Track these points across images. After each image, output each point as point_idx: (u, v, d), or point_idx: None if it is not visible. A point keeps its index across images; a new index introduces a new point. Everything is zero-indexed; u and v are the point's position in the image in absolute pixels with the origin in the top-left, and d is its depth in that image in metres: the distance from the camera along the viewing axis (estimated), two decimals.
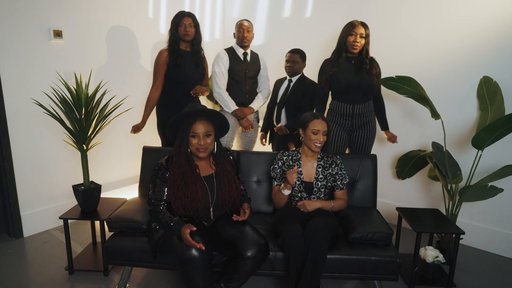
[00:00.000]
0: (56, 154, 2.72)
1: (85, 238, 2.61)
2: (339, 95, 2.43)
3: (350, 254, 1.81)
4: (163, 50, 2.51)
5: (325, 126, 1.95)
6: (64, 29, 2.64)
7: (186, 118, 1.78)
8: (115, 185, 3.18)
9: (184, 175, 1.76)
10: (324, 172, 2.01)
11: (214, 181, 1.84)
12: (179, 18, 2.47)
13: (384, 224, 1.96)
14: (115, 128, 2.99)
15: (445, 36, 2.59)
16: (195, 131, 1.76)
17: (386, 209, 2.88)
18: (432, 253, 2.11)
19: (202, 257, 1.57)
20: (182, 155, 1.78)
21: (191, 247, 1.57)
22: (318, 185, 2.00)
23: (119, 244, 1.87)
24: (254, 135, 2.94)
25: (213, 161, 1.89)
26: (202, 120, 1.77)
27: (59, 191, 2.77)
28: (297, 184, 2.00)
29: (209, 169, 1.87)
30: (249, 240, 1.67)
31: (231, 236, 1.72)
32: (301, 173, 2.01)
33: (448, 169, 2.32)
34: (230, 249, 1.70)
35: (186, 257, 1.56)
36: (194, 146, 1.77)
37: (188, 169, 1.77)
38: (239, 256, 1.65)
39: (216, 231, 1.79)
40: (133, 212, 1.99)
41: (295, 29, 3.44)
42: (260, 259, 1.68)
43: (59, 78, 2.51)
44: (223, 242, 1.74)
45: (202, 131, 1.76)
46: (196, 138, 1.76)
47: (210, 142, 1.79)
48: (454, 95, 2.61)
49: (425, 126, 2.76)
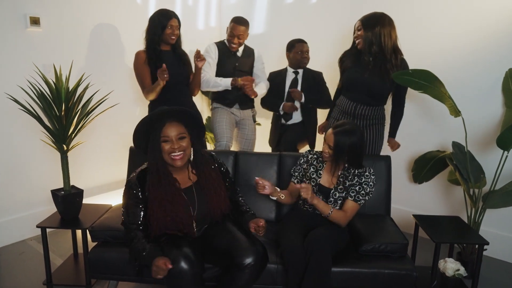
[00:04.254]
0: (33, 155, 2.72)
1: (65, 249, 2.61)
2: (346, 90, 2.46)
3: (361, 267, 1.81)
4: (140, 52, 2.52)
5: (331, 140, 1.93)
6: (42, 16, 2.64)
7: (154, 123, 1.70)
8: (98, 190, 3.18)
9: (161, 190, 1.69)
10: (345, 183, 1.99)
11: (194, 193, 1.79)
12: (167, 19, 2.45)
13: (398, 233, 1.96)
14: (99, 126, 2.99)
15: (465, 26, 2.60)
16: (166, 134, 1.68)
17: (401, 216, 2.88)
18: (452, 266, 2.10)
19: (192, 271, 1.56)
20: (156, 168, 1.70)
21: (180, 259, 1.55)
22: (335, 196, 2.00)
23: (103, 256, 1.87)
24: (252, 137, 2.95)
25: (192, 170, 1.83)
26: (173, 122, 1.70)
27: (36, 197, 2.77)
28: (312, 186, 2.01)
29: (187, 181, 1.81)
30: (245, 247, 1.66)
31: (224, 245, 1.70)
32: (320, 176, 2.03)
33: (470, 172, 2.32)
34: (225, 259, 1.69)
35: (175, 271, 1.54)
36: (167, 152, 1.69)
37: (165, 183, 1.70)
38: (235, 266, 1.63)
39: (207, 241, 1.78)
40: (119, 220, 1.98)
41: (299, 16, 3.45)
42: (258, 268, 1.67)
43: (36, 70, 2.50)
44: (216, 253, 1.73)
45: (174, 134, 1.69)
46: (168, 142, 1.69)
47: (185, 146, 1.71)
48: (476, 89, 2.61)
49: (444, 124, 2.76)
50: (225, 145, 2.69)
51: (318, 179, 2.04)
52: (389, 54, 2.26)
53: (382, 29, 2.23)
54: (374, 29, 2.24)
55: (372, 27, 2.24)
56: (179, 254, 1.59)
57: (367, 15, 2.30)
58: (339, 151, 1.92)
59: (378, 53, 2.26)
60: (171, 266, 1.51)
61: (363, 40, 2.28)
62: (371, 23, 2.25)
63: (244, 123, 2.93)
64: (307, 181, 2.05)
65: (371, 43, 2.25)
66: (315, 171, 2.06)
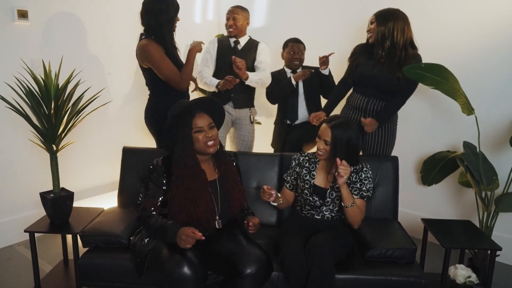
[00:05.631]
0: (21, 155, 2.72)
1: (54, 255, 2.60)
2: (357, 84, 2.50)
3: (367, 274, 1.81)
4: (152, 42, 2.37)
5: (328, 135, 1.93)
6: (30, 8, 2.63)
7: (184, 115, 1.81)
8: (90, 193, 3.17)
9: (191, 181, 1.78)
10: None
11: (217, 186, 1.89)
12: (177, 10, 2.44)
13: (406, 238, 1.96)
14: (90, 125, 2.98)
15: (478, 18, 2.59)
16: (198, 125, 1.81)
17: (409, 220, 2.87)
18: (463, 273, 2.10)
19: (195, 277, 1.57)
20: (187, 156, 1.79)
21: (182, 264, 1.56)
22: (332, 195, 2.01)
23: (95, 262, 1.87)
24: (249, 138, 2.94)
25: (215, 162, 1.93)
26: (201, 113, 1.83)
27: (24, 200, 2.76)
28: (306, 188, 2.02)
29: (213, 173, 1.92)
30: (248, 256, 1.67)
31: (227, 252, 1.72)
32: (313, 177, 2.04)
33: (483, 173, 2.32)
34: (227, 267, 1.70)
35: (177, 276, 1.55)
36: (202, 142, 1.80)
37: (193, 173, 1.80)
38: (237, 274, 1.65)
39: (211, 246, 1.79)
40: (112, 224, 1.99)
41: (302, 8, 3.44)
42: (262, 278, 1.68)
43: (24, 66, 2.50)
44: (219, 259, 1.74)
45: (205, 123, 1.82)
46: (202, 132, 1.81)
47: (216, 135, 1.85)
48: (489, 86, 2.60)
49: (455, 123, 2.76)
50: None
51: (312, 180, 2.04)
52: (399, 50, 2.31)
53: (395, 24, 2.30)
54: (387, 23, 2.31)
55: (386, 22, 2.32)
56: (182, 259, 1.60)
57: (382, 10, 2.37)
58: (337, 146, 1.92)
59: (390, 47, 2.33)
60: (201, 234, 1.58)
61: (375, 34, 2.35)
62: (385, 18, 2.33)
63: (240, 123, 2.92)
64: (302, 184, 2.05)
65: (384, 38, 2.32)
66: (308, 173, 2.06)
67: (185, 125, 1.80)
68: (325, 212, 2.01)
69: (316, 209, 2.02)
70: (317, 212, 2.02)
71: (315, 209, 2.02)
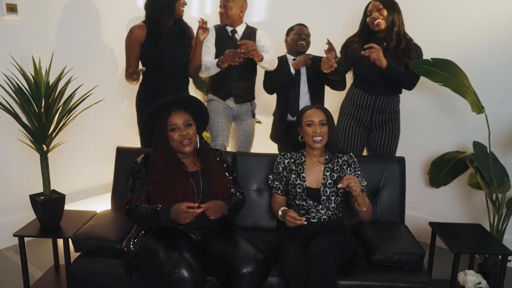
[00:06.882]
0: (10, 156, 2.72)
1: (45, 260, 2.61)
2: (362, 82, 2.49)
3: (371, 280, 1.81)
4: (136, 28, 2.52)
5: (321, 115, 2.01)
6: (20, 2, 2.63)
7: (160, 113, 1.89)
8: (82, 195, 3.18)
9: (167, 173, 1.86)
10: (333, 177, 2.03)
11: (200, 178, 1.94)
12: None
13: (414, 242, 1.96)
14: (83, 124, 2.98)
15: (488, 11, 2.59)
16: (173, 122, 1.87)
17: (416, 224, 2.87)
18: (473, 279, 2.10)
19: (193, 279, 1.57)
20: (162, 151, 1.88)
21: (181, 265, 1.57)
22: (326, 192, 2.01)
23: (87, 268, 1.87)
24: (250, 132, 2.95)
25: (197, 158, 2.00)
26: (178, 111, 1.90)
27: (13, 202, 2.76)
28: (298, 192, 2.02)
29: (194, 166, 1.98)
30: (244, 255, 1.69)
31: (222, 252, 1.74)
32: (304, 179, 2.04)
33: (493, 175, 2.32)
34: (223, 268, 1.71)
35: (174, 279, 1.56)
36: (177, 141, 1.88)
37: (173, 165, 1.87)
38: (234, 274, 1.65)
39: (206, 248, 1.81)
40: (105, 228, 1.99)
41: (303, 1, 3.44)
42: (259, 278, 1.68)
43: (13, 62, 2.50)
44: (215, 261, 1.75)
45: (181, 121, 1.88)
46: (176, 130, 1.88)
47: (192, 133, 1.91)
48: (499, 83, 2.61)
49: (464, 122, 2.76)
50: (221, 145, 2.68)
51: (304, 183, 2.03)
52: (403, 37, 2.41)
53: (399, 12, 2.40)
54: (394, 10, 2.38)
55: (393, 9, 2.38)
56: (180, 260, 1.61)
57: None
58: (330, 122, 2.01)
59: (398, 34, 2.39)
60: (196, 205, 1.72)
61: (385, 20, 2.37)
62: (391, 5, 2.39)
63: (241, 117, 2.92)
64: (293, 190, 2.05)
65: (393, 24, 2.38)
66: (298, 176, 2.05)
67: (160, 122, 1.89)
68: (322, 211, 2.01)
69: (311, 212, 2.02)
70: (312, 216, 2.01)
71: (310, 213, 2.02)
